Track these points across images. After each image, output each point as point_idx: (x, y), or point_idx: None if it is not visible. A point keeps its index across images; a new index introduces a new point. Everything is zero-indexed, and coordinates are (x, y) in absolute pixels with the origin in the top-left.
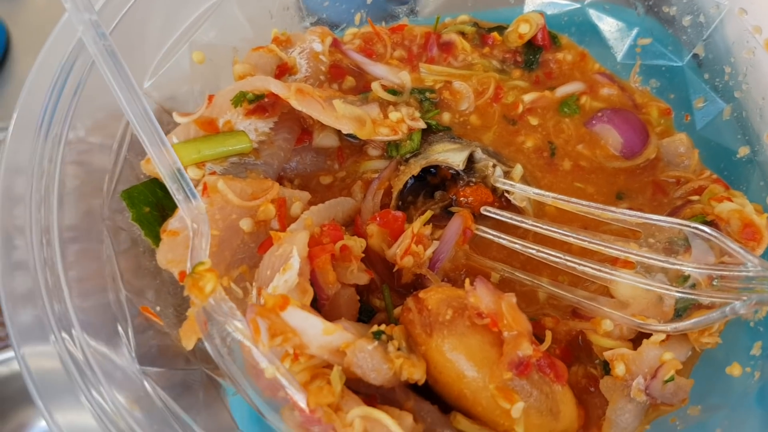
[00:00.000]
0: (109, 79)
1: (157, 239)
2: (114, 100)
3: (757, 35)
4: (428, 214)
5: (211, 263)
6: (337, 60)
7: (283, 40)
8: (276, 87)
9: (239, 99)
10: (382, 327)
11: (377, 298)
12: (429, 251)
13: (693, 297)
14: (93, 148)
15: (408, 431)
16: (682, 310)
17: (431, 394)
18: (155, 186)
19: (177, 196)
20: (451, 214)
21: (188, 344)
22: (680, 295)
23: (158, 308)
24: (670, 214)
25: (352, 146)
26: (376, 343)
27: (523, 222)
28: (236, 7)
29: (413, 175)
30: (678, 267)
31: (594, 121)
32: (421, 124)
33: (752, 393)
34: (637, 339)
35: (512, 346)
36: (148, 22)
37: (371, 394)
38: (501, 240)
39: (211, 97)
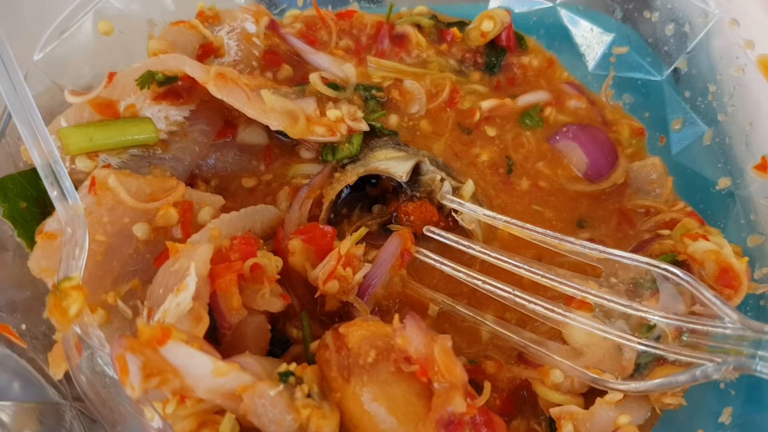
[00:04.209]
0: None
1: (32, 241)
2: None
3: (749, 51)
4: (362, 231)
5: (88, 280)
6: (274, 45)
7: (210, 16)
8: (191, 68)
9: (146, 80)
10: (293, 366)
11: (295, 327)
12: (359, 275)
13: (658, 352)
14: None
15: None
16: (643, 366)
17: None
18: (37, 177)
19: (51, 193)
20: (390, 232)
21: (57, 372)
22: (643, 348)
23: (24, 326)
24: (635, 249)
25: (282, 146)
26: (281, 387)
27: (470, 247)
28: None
29: (349, 185)
30: (642, 314)
31: (558, 137)
32: (363, 126)
33: None
34: (590, 394)
35: (443, 401)
36: None
37: None
38: (443, 267)
39: (111, 75)
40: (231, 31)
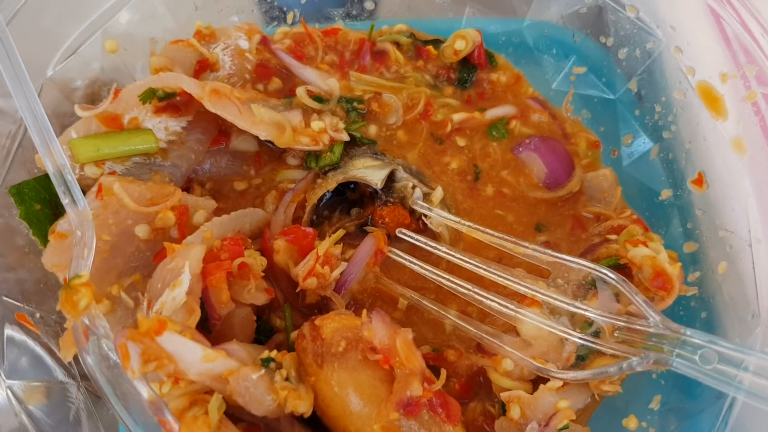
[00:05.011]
0: None
1: (46, 240)
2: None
3: (690, 76)
4: (340, 233)
5: (95, 274)
6: (265, 59)
7: (206, 35)
8: (189, 86)
9: (148, 96)
10: (273, 353)
11: (279, 318)
12: (336, 272)
13: (594, 345)
14: None
15: None
16: (584, 357)
17: (320, 426)
18: (49, 182)
19: (63, 200)
20: (366, 233)
21: (67, 355)
22: (581, 342)
23: (38, 315)
24: (586, 252)
25: (270, 152)
26: (263, 371)
27: (437, 248)
28: None
29: (330, 190)
30: (582, 312)
31: (521, 148)
32: (344, 137)
33: None
34: (538, 380)
35: (402, 385)
36: (59, 5)
37: (255, 423)
38: (413, 265)
39: (117, 92)
40: (225, 47)
